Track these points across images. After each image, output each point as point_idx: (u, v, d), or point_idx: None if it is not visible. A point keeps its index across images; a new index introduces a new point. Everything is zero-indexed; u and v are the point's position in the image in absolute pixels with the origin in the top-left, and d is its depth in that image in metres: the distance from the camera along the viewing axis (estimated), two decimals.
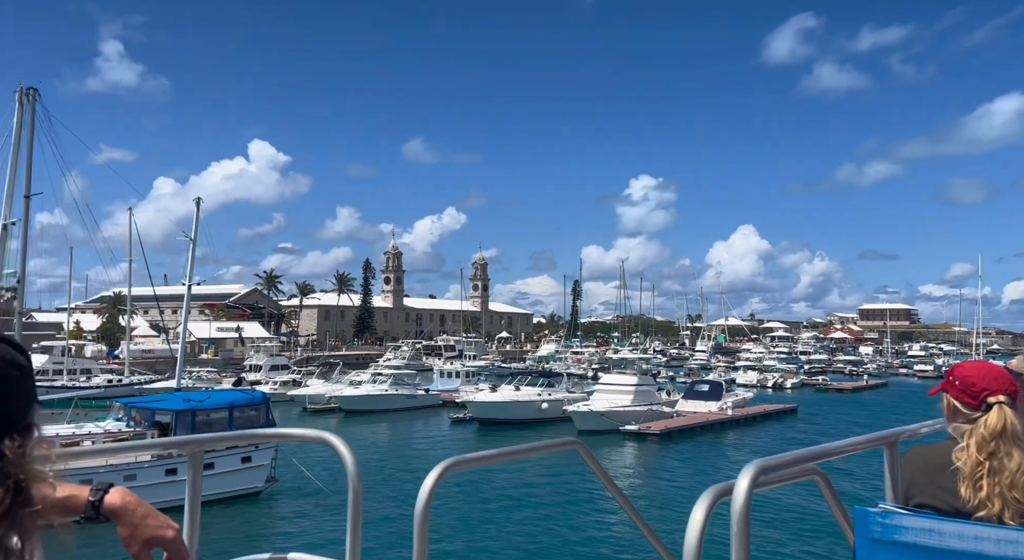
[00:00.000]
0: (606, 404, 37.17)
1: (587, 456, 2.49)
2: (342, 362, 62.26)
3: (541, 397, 40.71)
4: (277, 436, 3.05)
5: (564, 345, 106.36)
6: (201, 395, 23.71)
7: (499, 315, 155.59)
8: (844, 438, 2.02)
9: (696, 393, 44.20)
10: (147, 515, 1.16)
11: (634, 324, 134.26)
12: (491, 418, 39.70)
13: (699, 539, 1.47)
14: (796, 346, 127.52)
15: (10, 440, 0.90)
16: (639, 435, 35.46)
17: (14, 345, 0.97)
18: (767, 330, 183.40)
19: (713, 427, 39.01)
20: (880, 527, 1.73)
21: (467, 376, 56.00)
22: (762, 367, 77.56)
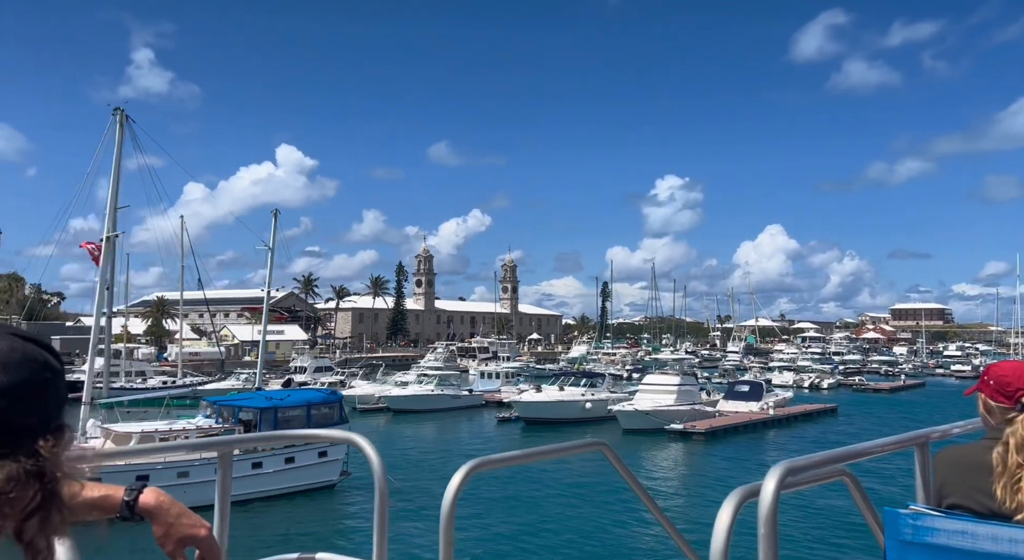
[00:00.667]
0: (650, 404, 38.09)
1: (612, 457, 2.47)
2: (384, 364, 63.87)
3: (585, 397, 41.76)
4: (307, 437, 3.30)
5: (595, 346, 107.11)
6: (281, 393, 25.21)
7: (528, 317, 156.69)
8: (876, 438, 2.02)
9: (736, 393, 44.90)
10: (180, 514, 1.20)
11: (664, 325, 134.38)
12: (537, 417, 40.83)
13: (726, 541, 1.45)
14: (829, 347, 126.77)
15: (44, 440, 0.93)
16: (684, 434, 36.33)
17: (47, 348, 1.02)
18: (798, 331, 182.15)
19: (756, 426, 39.72)
20: (911, 529, 1.69)
21: (507, 377, 57.25)
22: (797, 368, 77.67)
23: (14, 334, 0.97)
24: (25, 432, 0.92)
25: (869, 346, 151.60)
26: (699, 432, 36.15)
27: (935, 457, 2.02)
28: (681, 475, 30.44)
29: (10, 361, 0.93)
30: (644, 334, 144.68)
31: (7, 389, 0.91)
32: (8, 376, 0.91)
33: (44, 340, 1.00)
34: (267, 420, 22.83)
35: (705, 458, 33.35)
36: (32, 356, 0.96)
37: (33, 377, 0.94)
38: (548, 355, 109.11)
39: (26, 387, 0.93)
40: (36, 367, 0.95)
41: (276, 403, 23.18)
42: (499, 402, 49.28)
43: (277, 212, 36.24)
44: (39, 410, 0.94)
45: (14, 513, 0.89)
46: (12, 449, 0.89)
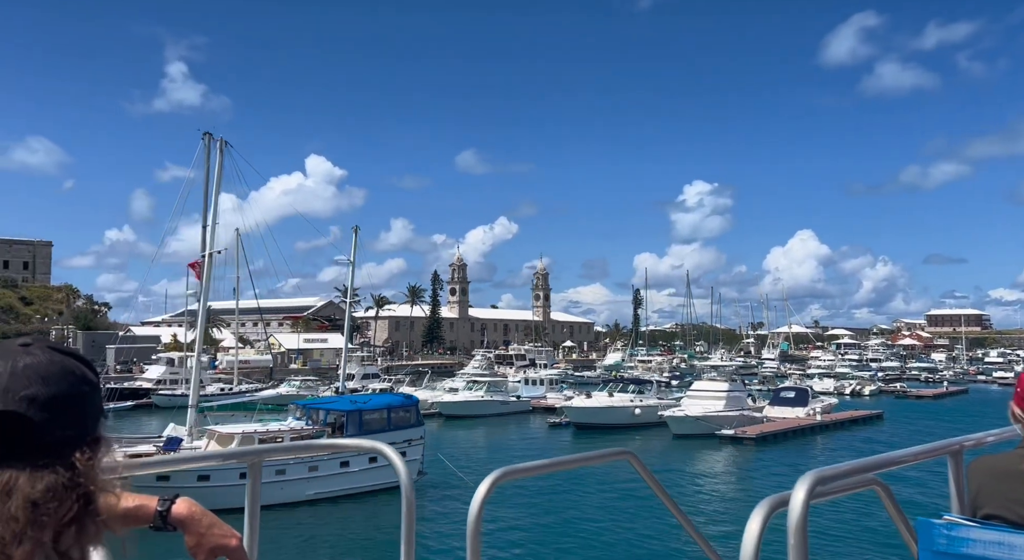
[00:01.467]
0: (700, 409, 39.06)
1: (639, 466, 2.44)
2: (431, 371, 65.53)
3: (633, 403, 42.86)
4: (336, 447, 3.08)
5: (629, 354, 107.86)
6: (364, 397, 26.85)
7: (560, 324, 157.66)
8: (907, 447, 1.97)
9: (782, 400, 45.64)
10: (212, 525, 1.22)
11: (696, 332, 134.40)
12: (587, 422, 42.03)
13: (755, 551, 1.43)
14: (866, 353, 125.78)
15: (80, 452, 0.94)
16: (735, 439, 37.22)
17: (84, 361, 1.03)
18: (832, 337, 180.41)
19: (804, 432, 40.46)
20: (946, 539, 1.64)
21: (551, 384, 58.54)
22: (836, 374, 77.71)
23: (52, 348, 1.01)
24: (64, 444, 0.94)
25: (906, 353, 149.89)
26: (750, 437, 37.03)
27: (969, 466, 1.95)
28: (733, 480, 31.33)
29: (50, 374, 0.95)
30: (676, 341, 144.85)
31: (47, 402, 0.93)
32: (48, 388, 0.94)
33: (81, 354, 1.04)
34: (353, 422, 24.44)
35: (757, 463, 34.21)
36: (70, 369, 0.98)
37: (72, 390, 0.97)
38: (584, 362, 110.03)
39: (65, 400, 0.95)
40: (74, 380, 0.98)
41: (360, 406, 24.79)
42: (546, 408, 50.71)
43: (357, 228, 38.15)
44: (77, 423, 0.97)
45: (52, 523, 0.90)
46: (51, 460, 0.91)
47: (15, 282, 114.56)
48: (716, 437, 37.69)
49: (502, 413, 48.98)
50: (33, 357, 0.96)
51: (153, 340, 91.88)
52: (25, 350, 0.97)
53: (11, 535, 0.87)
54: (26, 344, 0.99)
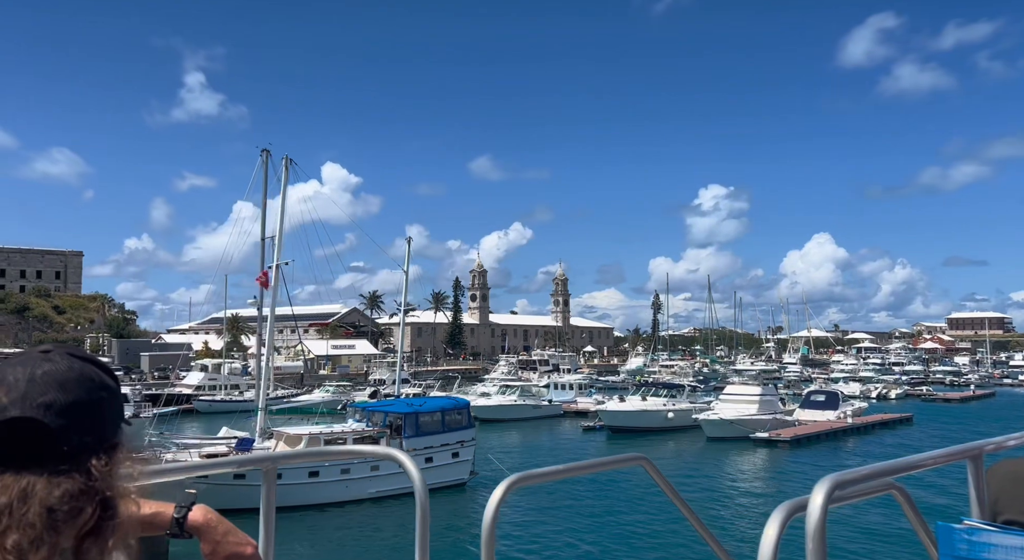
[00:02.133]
0: (734, 413, 39.89)
1: (653, 471, 2.44)
2: (460, 376, 66.73)
3: (666, 407, 43.75)
4: (348, 453, 3.08)
5: (650, 358, 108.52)
6: (419, 401, 28.06)
7: (580, 329, 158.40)
8: (926, 451, 1.94)
9: (813, 403, 46.32)
10: (228, 532, 1.22)
11: (716, 337, 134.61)
12: (622, 426, 42.97)
13: (773, 556, 1.41)
14: (888, 357, 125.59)
15: (97, 459, 0.94)
16: (769, 442, 38.01)
17: (103, 367, 1.03)
18: (852, 341, 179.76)
19: (836, 434, 41.15)
20: (966, 544, 1.61)
21: (580, 388, 59.51)
22: (861, 378, 78.04)
23: (72, 354, 1.01)
24: (82, 450, 0.94)
25: (928, 356, 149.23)
26: (784, 439, 37.80)
27: (989, 470, 1.91)
28: (769, 481, 32.10)
29: (68, 380, 0.96)
30: (696, 346, 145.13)
31: (64, 408, 0.94)
32: (66, 395, 0.95)
33: (100, 360, 1.05)
34: (410, 423, 25.64)
35: (791, 465, 34.98)
36: (89, 376, 0.99)
37: (89, 396, 0.97)
38: (606, 367, 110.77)
39: (83, 406, 0.96)
40: (93, 387, 0.98)
41: (416, 409, 25.99)
42: (577, 412, 51.74)
43: (410, 239, 39.48)
44: (95, 429, 0.97)
45: (72, 530, 0.91)
46: (68, 467, 0.92)
47: (48, 292, 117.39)
48: (750, 440, 38.49)
49: (534, 417, 50.01)
50: (52, 364, 0.98)
51: (185, 347, 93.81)
52: (45, 357, 0.99)
53: (28, 541, 0.88)
54: (46, 350, 1.01)
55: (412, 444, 25.46)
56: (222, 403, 55.07)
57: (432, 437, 26.03)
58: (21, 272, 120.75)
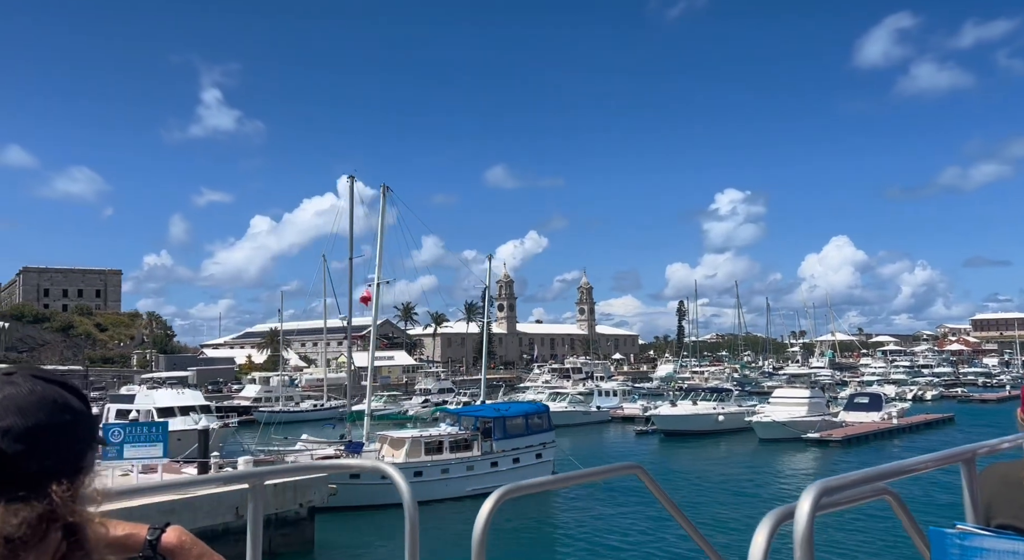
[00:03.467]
0: (785, 415, 41.55)
1: (648, 480, 2.42)
2: (505, 384, 68.67)
3: (716, 410, 45.49)
4: (336, 467, 2.99)
5: (680, 365, 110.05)
6: (504, 406, 30.12)
7: (605, 337, 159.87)
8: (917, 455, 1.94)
9: (856, 405, 47.83)
10: (202, 554, 1.20)
11: (742, 342, 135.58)
12: (674, 430, 44.73)
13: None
14: (917, 359, 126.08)
15: (58, 484, 0.92)
16: (821, 442, 39.63)
17: (69, 388, 1.00)
18: (876, 344, 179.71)
19: (883, 435, 42.68)
20: (959, 549, 1.60)
21: (624, 394, 61.35)
22: (895, 381, 79.15)
23: (35, 376, 0.99)
24: (42, 475, 0.92)
25: (956, 358, 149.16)
26: (835, 440, 39.41)
27: (981, 474, 1.90)
28: None
29: (27, 404, 0.94)
30: (722, 351, 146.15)
31: (22, 433, 0.91)
32: (24, 420, 0.92)
33: (68, 381, 1.03)
34: (499, 427, 27.65)
35: (844, 464, 36.52)
36: (51, 398, 0.97)
37: (50, 420, 0.95)
38: (636, 374, 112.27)
39: (43, 430, 0.93)
40: (54, 409, 0.96)
41: (504, 413, 28.03)
42: (624, 417, 53.60)
43: (491, 256, 41.70)
44: (57, 453, 0.94)
45: (34, 557, 0.89)
46: (27, 493, 0.90)
47: (89, 310, 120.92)
48: (802, 440, 40.10)
49: (585, 423, 51.86)
50: (14, 387, 0.96)
51: (229, 361, 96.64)
52: (7, 380, 0.98)
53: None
54: (9, 373, 0.99)
55: (501, 446, 27.45)
56: (280, 414, 57.42)
57: (518, 439, 28.00)
58: (63, 291, 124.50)
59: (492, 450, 27.11)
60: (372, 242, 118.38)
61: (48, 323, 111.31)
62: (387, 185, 30.76)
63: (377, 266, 30.89)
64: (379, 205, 30.04)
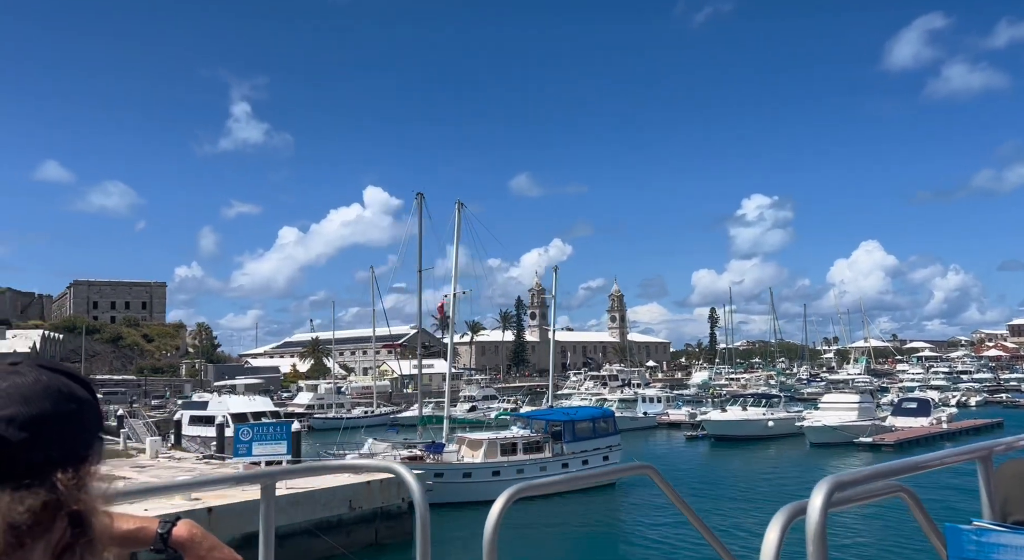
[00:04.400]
0: (836, 419, 42.35)
1: (659, 480, 2.42)
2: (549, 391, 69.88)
3: (766, 416, 46.38)
4: (346, 467, 2.91)
5: (715, 372, 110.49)
6: (572, 410, 31.55)
7: (637, 344, 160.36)
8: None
9: (904, 410, 48.37)
10: (213, 548, 1.20)
11: (777, 349, 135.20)
12: (725, 435, 45.71)
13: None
14: (955, 365, 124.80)
15: (63, 472, 0.92)
16: (873, 446, 40.36)
17: (75, 377, 1.01)
18: (911, 350, 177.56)
19: (934, 439, 43.24)
20: (975, 546, 1.60)
21: (667, 401, 62.34)
22: (938, 386, 78.95)
23: (41, 366, 1.00)
24: (48, 464, 0.92)
25: (995, 364, 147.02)
26: (888, 444, 40.11)
27: (998, 470, 1.89)
28: None
29: (33, 393, 0.94)
30: (754, 358, 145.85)
31: (27, 422, 0.92)
32: (28, 408, 0.93)
33: (74, 371, 1.03)
34: (568, 430, 29.07)
35: None
36: (56, 387, 0.97)
37: (56, 409, 0.95)
38: (671, 381, 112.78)
39: (47, 419, 0.94)
40: (60, 398, 0.96)
41: (573, 417, 29.46)
42: (670, 423, 54.69)
43: (557, 268, 43.34)
44: (62, 442, 0.95)
45: (43, 546, 0.89)
46: (32, 482, 0.90)
47: (136, 321, 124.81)
48: (854, 445, 40.86)
49: (634, 428, 52.92)
50: (19, 377, 0.97)
51: (274, 370, 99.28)
52: (12, 369, 0.98)
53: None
54: (15, 363, 0.99)
55: (571, 448, 28.86)
56: (334, 420, 59.35)
57: (587, 442, 29.38)
58: (111, 303, 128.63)
59: (563, 452, 28.52)
60: (397, 251, 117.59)
61: (98, 335, 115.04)
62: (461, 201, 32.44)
63: (453, 279, 32.55)
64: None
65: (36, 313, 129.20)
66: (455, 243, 32.99)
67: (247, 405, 41.39)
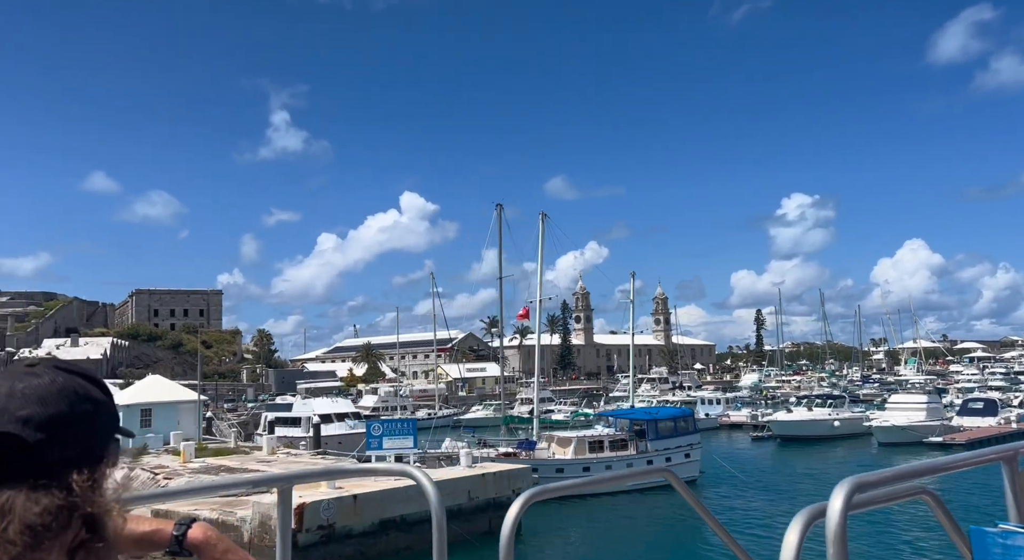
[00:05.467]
0: (905, 419, 42.78)
1: (678, 484, 2.42)
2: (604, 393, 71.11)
3: (831, 416, 46.94)
4: (362, 471, 2.88)
5: (765, 374, 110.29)
6: (654, 410, 32.87)
7: (683, 347, 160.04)
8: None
9: (971, 410, 48.40)
10: (227, 550, 1.21)
11: (827, 351, 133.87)
12: (791, 435, 46.40)
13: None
14: (1012, 366, 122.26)
15: (79, 473, 0.92)
16: (944, 445, 40.69)
17: (90, 378, 1.01)
18: (962, 351, 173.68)
19: (1006, 438, 43.27)
20: (1001, 548, 1.59)
21: (727, 403, 63.06)
22: (999, 387, 77.86)
23: (57, 367, 1.01)
24: (64, 465, 0.93)
25: None
26: (959, 443, 40.38)
27: (1022, 472, 1.88)
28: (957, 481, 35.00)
29: (49, 394, 0.96)
30: (802, 360, 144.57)
31: (43, 422, 0.93)
32: (45, 409, 0.94)
33: (90, 372, 1.04)
34: (652, 429, 30.37)
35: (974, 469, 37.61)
36: (72, 388, 0.98)
37: (72, 409, 0.96)
38: (720, 384, 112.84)
39: (64, 420, 0.95)
40: (76, 399, 0.97)
41: (656, 416, 30.76)
42: (731, 424, 55.50)
43: (634, 273, 44.93)
44: (78, 443, 0.96)
45: (57, 547, 0.89)
46: (49, 482, 0.91)
47: (195, 328, 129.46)
48: (923, 444, 41.22)
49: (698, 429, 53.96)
50: (36, 377, 0.98)
51: (331, 375, 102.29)
52: (29, 371, 0.99)
53: (9, 559, 0.86)
54: (32, 364, 1.01)
55: (655, 446, 30.13)
56: None
57: (669, 440, 30.63)
58: (171, 311, 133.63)
59: (647, 449, 29.82)
60: (434, 256, 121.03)
61: (160, 341, 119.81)
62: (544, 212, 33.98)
63: (538, 287, 34.16)
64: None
65: (100, 321, 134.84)
66: (539, 252, 34.61)
67: (331, 407, 43.56)
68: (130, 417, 32.18)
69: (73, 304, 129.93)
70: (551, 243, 34.69)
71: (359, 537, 19.06)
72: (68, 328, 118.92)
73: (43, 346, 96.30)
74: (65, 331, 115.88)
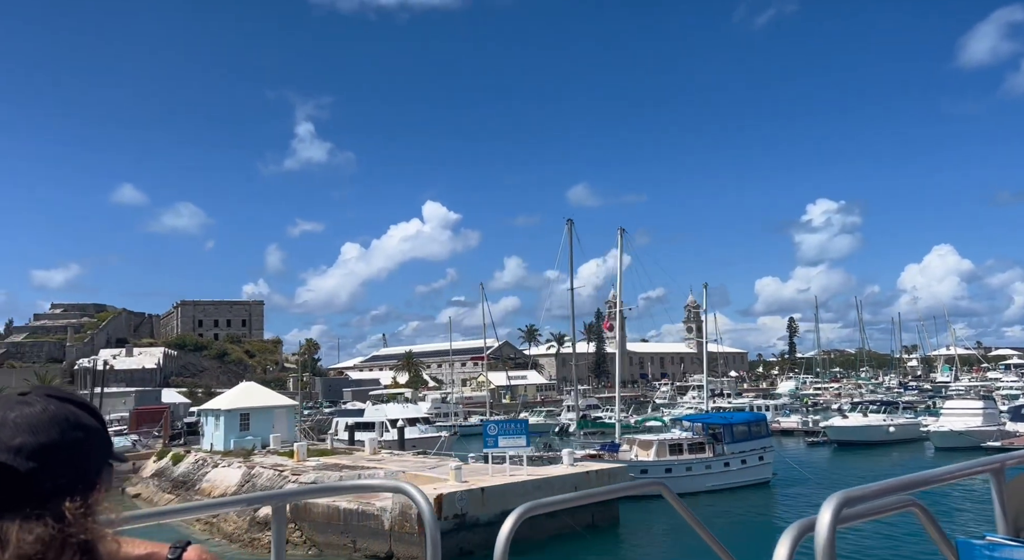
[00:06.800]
0: (962, 425, 43.81)
1: (671, 497, 2.43)
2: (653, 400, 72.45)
3: (886, 422, 48.06)
4: (355, 488, 3.03)
5: (801, 381, 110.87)
6: (730, 415, 34.51)
7: (716, 355, 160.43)
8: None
9: (1023, 416, 49.19)
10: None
11: (864, 357, 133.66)
12: (847, 440, 47.59)
13: None
14: None
15: (71, 501, 0.93)
16: (1003, 450, 41.63)
17: (82, 405, 1.02)
18: (997, 358, 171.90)
19: None
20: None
21: (775, 409, 64.17)
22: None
23: (49, 395, 1.02)
24: (56, 493, 0.93)
25: None
26: (1019, 448, 41.36)
27: (1011, 483, 1.91)
28: None
29: (40, 423, 0.96)
30: (835, 368, 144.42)
31: (34, 451, 0.93)
32: (36, 438, 0.94)
33: (82, 399, 1.05)
34: (727, 432, 31.96)
35: None
36: (64, 416, 0.99)
37: (63, 438, 0.97)
38: (757, 391, 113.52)
39: (56, 448, 0.95)
40: (67, 427, 0.98)
41: (731, 420, 32.36)
42: (781, 430, 56.67)
43: (707, 285, 46.47)
44: (69, 471, 0.96)
45: None
46: (42, 511, 0.91)
47: (238, 338, 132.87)
48: (981, 449, 42.18)
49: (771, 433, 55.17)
50: (27, 407, 0.98)
51: (374, 383, 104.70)
52: (21, 400, 1.00)
53: None
54: (24, 393, 1.01)
55: (731, 449, 31.70)
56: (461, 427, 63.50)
57: (744, 443, 32.18)
58: (215, 322, 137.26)
59: (723, 452, 31.42)
60: (456, 265, 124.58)
61: (206, 351, 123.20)
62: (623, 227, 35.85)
63: (618, 297, 36.03)
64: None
65: (147, 331, 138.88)
66: (619, 266, 36.41)
67: (403, 412, 45.64)
68: (231, 421, 34.44)
69: (122, 315, 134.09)
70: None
71: (485, 526, 20.92)
72: (118, 338, 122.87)
73: (100, 356, 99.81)
74: (116, 342, 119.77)
